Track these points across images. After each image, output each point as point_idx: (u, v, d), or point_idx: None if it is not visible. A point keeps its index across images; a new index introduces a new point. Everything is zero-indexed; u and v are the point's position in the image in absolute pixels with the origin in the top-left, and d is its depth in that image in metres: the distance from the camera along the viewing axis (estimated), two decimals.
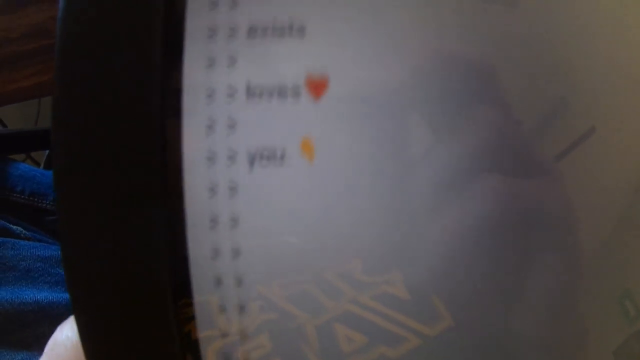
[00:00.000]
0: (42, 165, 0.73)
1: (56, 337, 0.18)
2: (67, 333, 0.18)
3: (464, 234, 0.13)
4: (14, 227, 0.42)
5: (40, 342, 0.24)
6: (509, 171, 0.14)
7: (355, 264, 0.14)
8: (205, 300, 0.14)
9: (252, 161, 0.13)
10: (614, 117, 0.14)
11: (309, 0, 0.13)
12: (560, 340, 0.15)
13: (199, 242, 0.13)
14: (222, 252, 0.14)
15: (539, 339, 0.14)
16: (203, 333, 0.14)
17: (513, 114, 0.14)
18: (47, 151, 0.71)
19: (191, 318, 0.14)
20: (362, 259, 0.13)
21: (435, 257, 0.14)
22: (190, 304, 0.14)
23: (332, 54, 0.13)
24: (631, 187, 0.15)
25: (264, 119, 0.13)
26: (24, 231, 0.42)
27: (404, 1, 0.13)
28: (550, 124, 0.14)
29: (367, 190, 0.13)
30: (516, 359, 0.14)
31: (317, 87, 0.13)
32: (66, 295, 0.37)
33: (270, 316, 0.14)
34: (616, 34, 0.14)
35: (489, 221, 0.14)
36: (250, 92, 0.13)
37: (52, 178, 0.13)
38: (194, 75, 0.13)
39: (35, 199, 0.47)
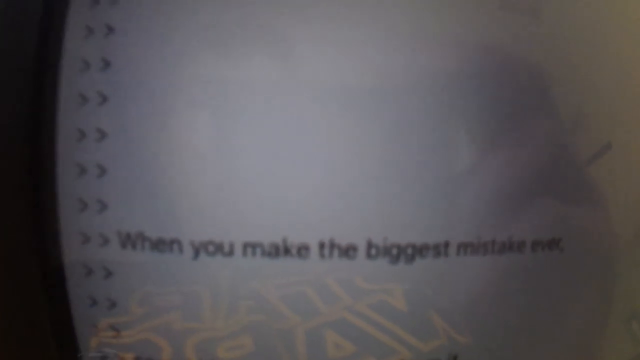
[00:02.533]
0: None
1: None
2: None
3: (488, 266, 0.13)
4: None
5: None
6: (560, 194, 0.13)
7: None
8: None
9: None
10: (631, 133, 0.14)
11: None
12: None
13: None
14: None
15: None
16: None
17: (560, 126, 0.13)
18: None
19: None
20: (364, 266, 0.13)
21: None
22: None
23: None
24: None
25: None
26: None
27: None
28: (572, 140, 0.13)
29: (395, 199, 0.12)
30: None
31: None
32: None
33: (259, 316, 0.13)
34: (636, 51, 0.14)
35: (520, 250, 0.13)
36: None
37: None
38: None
39: None
